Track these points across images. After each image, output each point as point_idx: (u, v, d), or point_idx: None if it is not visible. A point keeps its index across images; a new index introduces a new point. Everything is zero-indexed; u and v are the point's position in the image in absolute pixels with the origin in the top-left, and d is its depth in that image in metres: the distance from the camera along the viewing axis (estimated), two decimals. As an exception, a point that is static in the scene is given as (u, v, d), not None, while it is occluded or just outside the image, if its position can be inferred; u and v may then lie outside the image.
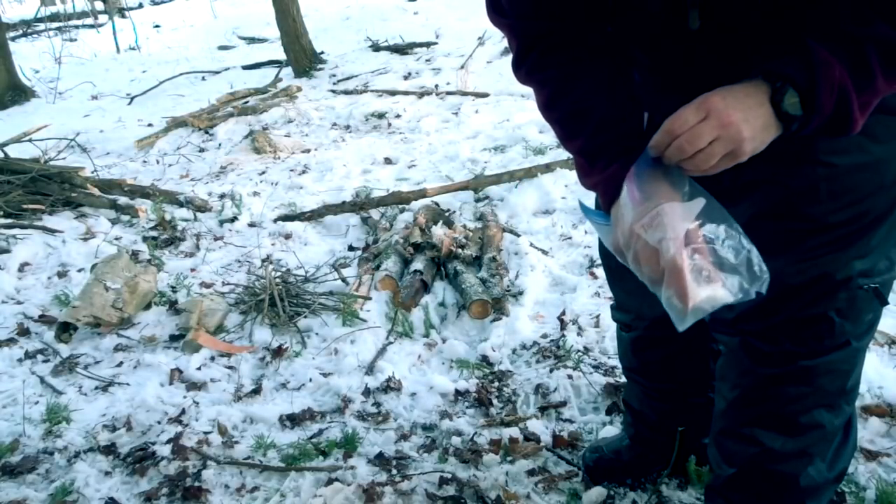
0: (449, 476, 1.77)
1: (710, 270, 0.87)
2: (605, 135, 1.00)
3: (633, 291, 1.38)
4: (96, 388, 2.32)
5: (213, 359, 2.44)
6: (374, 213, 3.57)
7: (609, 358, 2.25)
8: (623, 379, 2.07)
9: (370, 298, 2.68)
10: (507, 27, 1.06)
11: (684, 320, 0.88)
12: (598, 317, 2.46)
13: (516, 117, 4.89)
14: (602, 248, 1.41)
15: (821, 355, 1.10)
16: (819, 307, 1.06)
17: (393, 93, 6.14)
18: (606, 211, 1.00)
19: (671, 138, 0.88)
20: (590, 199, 1.23)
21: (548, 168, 3.77)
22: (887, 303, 1.09)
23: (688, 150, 0.86)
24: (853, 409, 1.22)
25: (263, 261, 3.17)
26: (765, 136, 0.87)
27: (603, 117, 1.00)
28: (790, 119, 0.86)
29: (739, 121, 0.84)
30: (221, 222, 3.71)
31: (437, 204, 3.56)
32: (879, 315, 1.12)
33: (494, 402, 2.11)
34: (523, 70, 1.07)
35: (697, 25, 0.92)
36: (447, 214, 3.47)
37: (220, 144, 5.28)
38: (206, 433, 2.03)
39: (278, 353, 2.43)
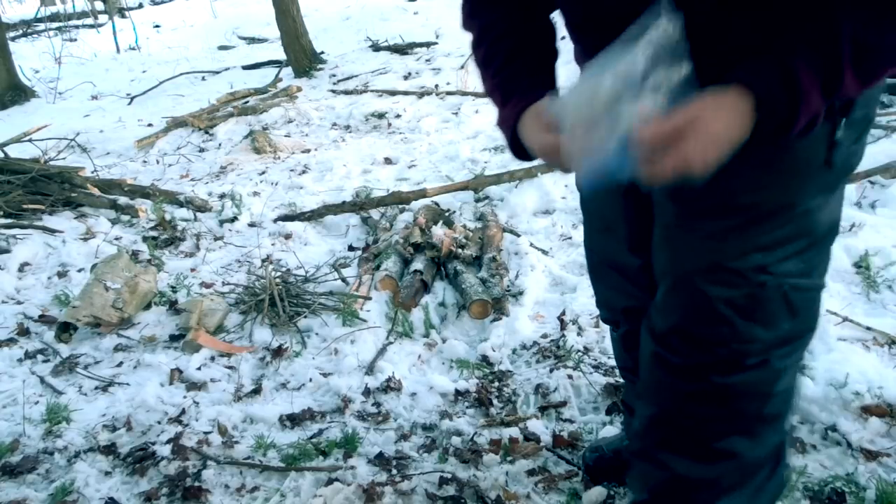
0: (449, 476, 1.77)
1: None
2: (516, 63, 1.09)
3: (615, 287, 1.38)
4: (96, 388, 2.32)
5: (213, 359, 2.44)
6: (374, 213, 3.57)
7: (609, 358, 2.25)
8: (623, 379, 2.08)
9: (370, 298, 2.68)
10: None
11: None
12: (598, 317, 2.46)
13: (516, 117, 4.88)
14: (587, 243, 1.42)
15: (735, 372, 1.04)
16: (714, 298, 1.01)
17: (393, 93, 6.14)
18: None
19: (641, 147, 0.84)
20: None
21: (548, 168, 3.77)
22: (798, 314, 1.02)
23: (647, 169, 0.85)
24: (783, 442, 1.14)
25: (263, 261, 3.17)
26: (727, 150, 0.85)
27: (500, 63, 1.09)
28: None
29: (709, 154, 0.83)
30: (221, 222, 3.71)
31: (437, 204, 3.56)
32: (801, 330, 1.06)
33: (494, 402, 2.11)
34: (464, 14, 1.17)
35: None
36: (447, 214, 3.47)
37: (220, 144, 5.28)
38: (206, 433, 2.02)
39: (278, 353, 2.43)
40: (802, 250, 1.00)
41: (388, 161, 4.57)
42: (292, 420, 2.08)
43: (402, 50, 7.77)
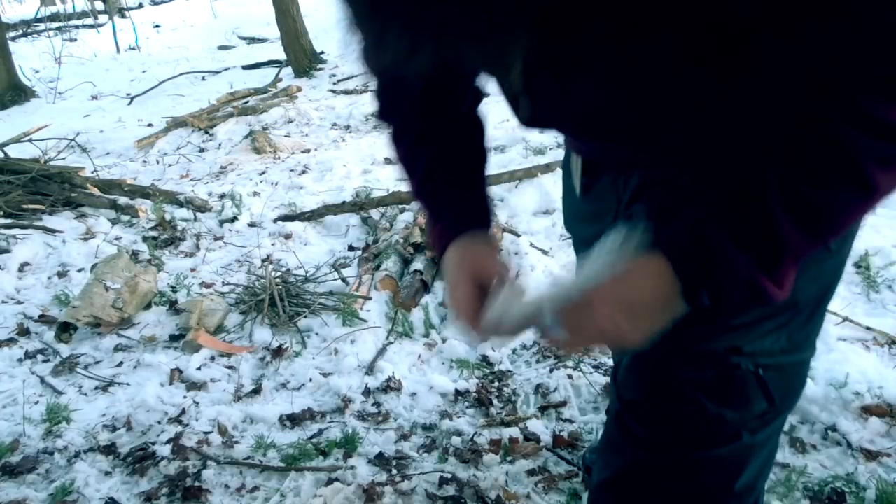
0: (449, 476, 1.77)
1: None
2: (439, 177, 1.03)
3: None
4: (96, 388, 2.32)
5: (213, 359, 2.44)
6: (374, 213, 3.58)
7: (609, 358, 2.25)
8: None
9: (370, 298, 2.68)
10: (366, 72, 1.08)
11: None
12: (598, 317, 2.46)
13: (516, 117, 4.89)
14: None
15: (701, 449, 0.92)
16: (679, 379, 0.90)
17: (393, 93, 6.13)
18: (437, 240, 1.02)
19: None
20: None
21: (548, 168, 3.77)
22: (774, 396, 0.89)
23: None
24: None
25: (263, 261, 3.17)
26: (648, 316, 0.78)
27: (422, 176, 1.03)
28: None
29: (634, 338, 0.78)
30: (221, 222, 3.71)
31: (437, 204, 3.55)
32: (778, 408, 0.92)
33: (494, 402, 2.11)
34: (378, 111, 1.07)
35: (521, 88, 0.85)
36: (447, 214, 3.46)
37: (220, 144, 5.28)
38: (206, 433, 2.03)
39: (278, 353, 2.43)
40: (784, 324, 0.87)
41: (388, 161, 4.56)
42: (292, 420, 2.08)
43: (402, 50, 7.76)
